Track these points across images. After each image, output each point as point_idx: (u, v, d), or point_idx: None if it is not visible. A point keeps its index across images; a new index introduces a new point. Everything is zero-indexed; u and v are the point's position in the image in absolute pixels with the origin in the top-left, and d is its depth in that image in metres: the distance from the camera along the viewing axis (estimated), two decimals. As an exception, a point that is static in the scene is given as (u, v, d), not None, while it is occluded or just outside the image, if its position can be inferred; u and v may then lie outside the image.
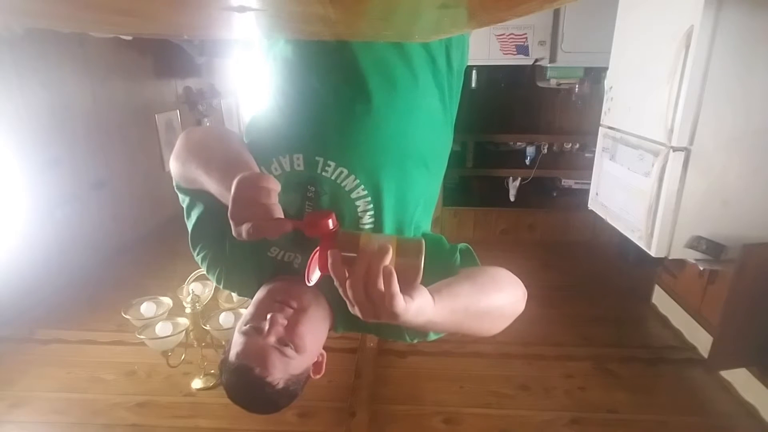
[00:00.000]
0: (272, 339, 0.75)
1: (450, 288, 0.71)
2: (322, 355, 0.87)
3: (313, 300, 0.81)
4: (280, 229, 0.63)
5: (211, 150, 0.80)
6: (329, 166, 0.80)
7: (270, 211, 0.62)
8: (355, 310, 0.61)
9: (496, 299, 0.78)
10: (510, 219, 3.67)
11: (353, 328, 0.89)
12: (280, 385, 0.76)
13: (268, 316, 0.75)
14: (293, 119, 0.85)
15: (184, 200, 0.90)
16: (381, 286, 0.57)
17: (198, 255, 0.90)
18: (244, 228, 0.62)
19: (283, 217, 0.64)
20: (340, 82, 0.83)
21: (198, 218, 0.88)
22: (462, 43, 0.95)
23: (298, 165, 0.81)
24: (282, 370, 0.76)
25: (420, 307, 0.61)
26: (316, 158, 0.80)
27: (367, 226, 0.82)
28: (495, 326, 0.80)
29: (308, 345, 0.78)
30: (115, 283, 2.73)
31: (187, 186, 0.86)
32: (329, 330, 0.87)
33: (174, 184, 0.89)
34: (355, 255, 0.61)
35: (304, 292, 0.80)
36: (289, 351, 0.76)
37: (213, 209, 0.84)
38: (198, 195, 0.85)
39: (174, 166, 0.86)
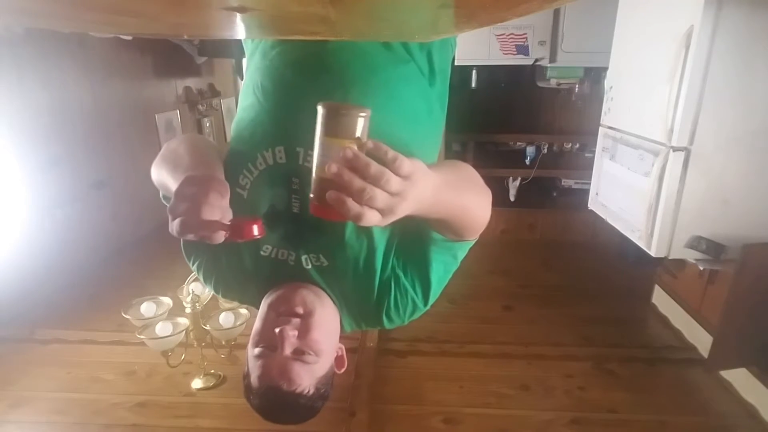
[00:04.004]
0: (288, 351, 0.75)
1: (437, 167, 0.66)
2: (341, 348, 0.87)
3: (317, 301, 0.80)
4: (206, 230, 0.61)
5: (180, 157, 0.79)
6: (310, 156, 0.77)
7: (201, 210, 0.61)
8: (366, 219, 0.54)
9: (475, 179, 0.78)
10: (510, 219, 3.67)
11: (359, 324, 0.88)
12: (311, 392, 0.76)
13: (277, 330, 0.75)
14: (273, 112, 0.83)
15: None
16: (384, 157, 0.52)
17: (193, 264, 0.89)
18: (174, 224, 0.61)
19: (219, 219, 0.62)
20: (318, 71, 0.82)
21: None
22: (445, 41, 0.94)
23: (281, 158, 0.79)
24: (308, 377, 0.76)
25: (424, 171, 0.56)
26: (297, 149, 0.78)
27: None
28: (484, 212, 0.78)
29: (325, 346, 0.78)
30: (115, 283, 2.73)
31: (166, 194, 0.85)
32: None
33: (160, 195, 0.88)
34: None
35: (306, 296, 0.79)
36: (309, 357, 0.76)
37: None
38: None
39: (153, 175, 0.85)
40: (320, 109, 0.59)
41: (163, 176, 0.80)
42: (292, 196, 0.80)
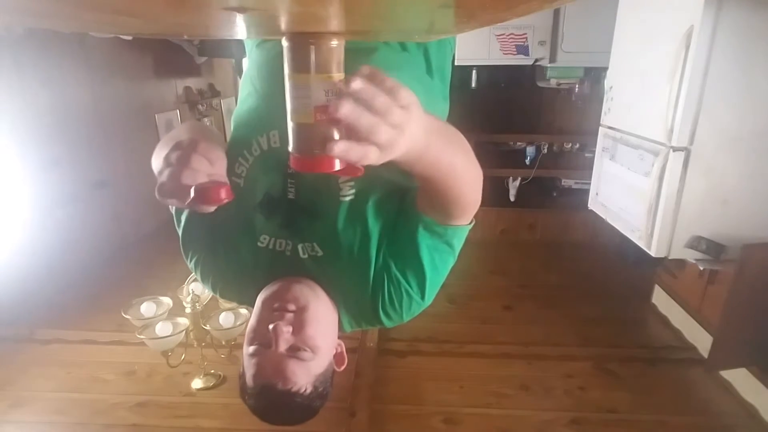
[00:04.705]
0: (282, 348, 0.72)
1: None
2: (340, 345, 0.85)
3: (311, 294, 0.78)
4: (178, 193, 0.59)
5: (178, 137, 0.78)
6: None
7: (180, 174, 0.59)
8: (368, 158, 0.47)
9: (466, 146, 0.66)
10: (510, 219, 3.67)
11: (359, 323, 0.86)
12: (309, 390, 0.74)
13: (271, 327, 0.72)
14: (267, 97, 0.83)
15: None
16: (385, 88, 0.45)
17: (191, 261, 0.87)
18: (156, 187, 0.60)
19: (193, 184, 0.59)
20: None
21: (187, 221, 0.85)
22: (443, 41, 0.93)
23: (275, 142, 0.78)
24: (304, 375, 0.74)
25: (419, 104, 0.49)
26: None
27: (347, 197, 0.77)
28: (473, 181, 0.69)
29: (321, 342, 0.76)
30: (115, 283, 2.73)
31: None
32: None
33: None
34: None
35: (300, 290, 0.77)
36: (305, 354, 0.73)
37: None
38: None
39: (153, 164, 0.82)
40: (286, 43, 0.51)
41: (161, 158, 0.79)
42: (288, 181, 0.78)
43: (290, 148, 0.55)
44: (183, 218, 0.86)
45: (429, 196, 0.71)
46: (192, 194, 0.59)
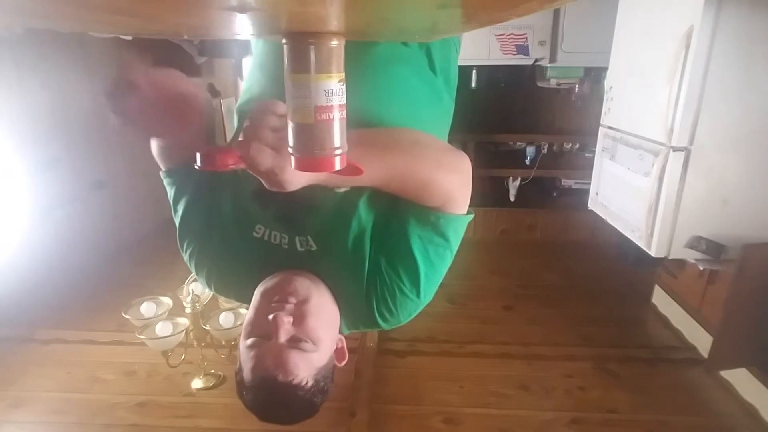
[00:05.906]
0: (283, 339, 0.70)
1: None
2: (341, 340, 0.83)
3: (313, 287, 0.76)
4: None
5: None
6: None
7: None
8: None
9: (413, 140, 0.72)
10: (510, 219, 3.67)
11: (356, 325, 0.84)
12: (310, 384, 0.72)
13: (270, 317, 0.70)
14: (266, 86, 0.83)
15: (171, 191, 0.85)
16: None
17: (186, 251, 0.85)
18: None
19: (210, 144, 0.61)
20: None
21: (185, 209, 0.83)
22: (446, 41, 0.93)
23: None
24: (306, 367, 0.71)
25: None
26: None
27: (342, 189, 0.76)
28: (443, 165, 0.71)
29: (323, 335, 0.74)
30: (115, 283, 2.73)
31: (174, 162, 0.81)
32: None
33: (162, 172, 0.85)
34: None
35: (300, 282, 0.75)
36: (306, 345, 0.71)
37: (200, 198, 0.81)
38: (185, 182, 0.82)
39: (159, 142, 0.81)
40: (286, 43, 0.52)
41: None
42: None
43: (290, 148, 0.55)
44: (180, 207, 0.84)
45: (397, 192, 0.72)
46: (198, 160, 0.57)
